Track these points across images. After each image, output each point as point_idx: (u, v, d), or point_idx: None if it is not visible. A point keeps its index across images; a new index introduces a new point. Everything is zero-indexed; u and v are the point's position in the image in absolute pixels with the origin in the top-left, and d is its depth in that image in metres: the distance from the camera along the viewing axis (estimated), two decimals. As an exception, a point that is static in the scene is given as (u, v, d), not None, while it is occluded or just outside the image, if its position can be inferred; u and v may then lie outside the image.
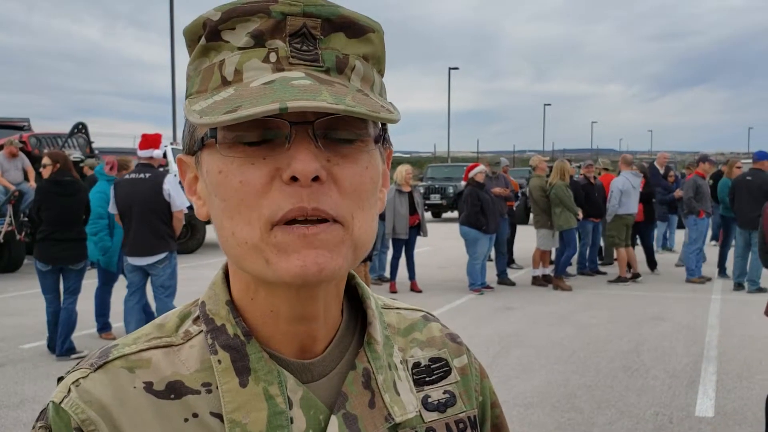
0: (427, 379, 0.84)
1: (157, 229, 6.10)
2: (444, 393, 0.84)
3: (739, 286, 9.98)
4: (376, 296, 0.87)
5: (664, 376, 5.91)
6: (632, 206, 10.82)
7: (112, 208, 6.40)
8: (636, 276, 10.95)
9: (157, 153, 6.31)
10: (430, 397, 0.82)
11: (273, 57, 0.66)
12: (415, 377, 0.83)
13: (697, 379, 5.83)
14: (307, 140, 0.64)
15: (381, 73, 0.74)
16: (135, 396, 0.70)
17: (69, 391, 0.70)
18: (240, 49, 0.67)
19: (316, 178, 0.64)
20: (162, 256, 6.16)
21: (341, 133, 0.66)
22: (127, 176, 6.41)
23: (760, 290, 9.49)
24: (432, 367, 0.85)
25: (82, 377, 0.71)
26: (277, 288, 0.70)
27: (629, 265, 10.97)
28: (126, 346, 0.74)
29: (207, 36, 0.69)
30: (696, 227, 10.64)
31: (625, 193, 10.70)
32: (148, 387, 0.70)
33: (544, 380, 5.84)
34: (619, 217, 10.78)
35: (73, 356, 6.41)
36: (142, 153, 6.30)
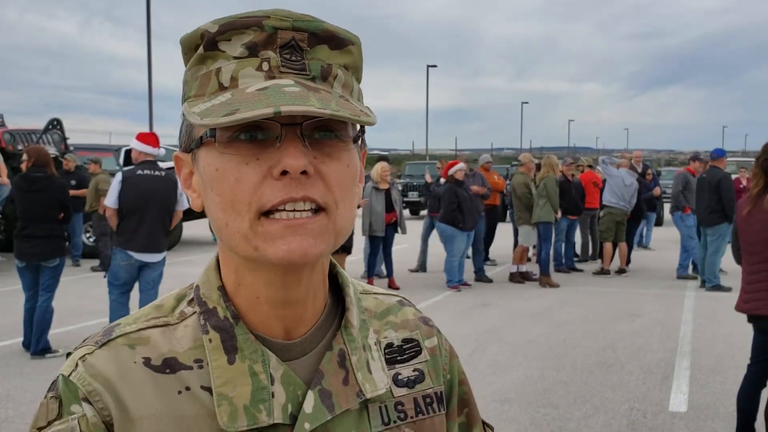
0: (399, 358, 0.92)
1: (166, 226, 6.18)
2: (414, 371, 0.92)
3: (704, 283, 10.09)
4: (356, 282, 0.96)
5: (639, 372, 5.98)
6: (607, 197, 11.27)
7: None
8: (622, 271, 11.33)
9: (160, 152, 6.24)
10: (400, 374, 0.91)
11: (266, 66, 0.75)
12: (387, 356, 0.91)
13: (671, 374, 5.91)
14: (296, 140, 0.72)
15: (359, 80, 0.84)
16: (135, 370, 0.79)
17: (76, 365, 0.79)
18: (236, 58, 0.76)
19: (304, 173, 0.72)
20: (165, 252, 6.26)
21: (325, 133, 0.75)
22: (137, 171, 6.04)
23: (718, 288, 9.60)
24: (404, 347, 0.94)
25: (88, 353, 0.80)
26: (261, 274, 0.79)
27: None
28: (127, 325, 0.83)
29: (205, 46, 0.77)
30: (684, 224, 10.76)
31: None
32: (147, 362, 0.79)
33: (521, 376, 5.88)
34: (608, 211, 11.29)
35: (48, 355, 6.35)
36: (151, 150, 6.10)
